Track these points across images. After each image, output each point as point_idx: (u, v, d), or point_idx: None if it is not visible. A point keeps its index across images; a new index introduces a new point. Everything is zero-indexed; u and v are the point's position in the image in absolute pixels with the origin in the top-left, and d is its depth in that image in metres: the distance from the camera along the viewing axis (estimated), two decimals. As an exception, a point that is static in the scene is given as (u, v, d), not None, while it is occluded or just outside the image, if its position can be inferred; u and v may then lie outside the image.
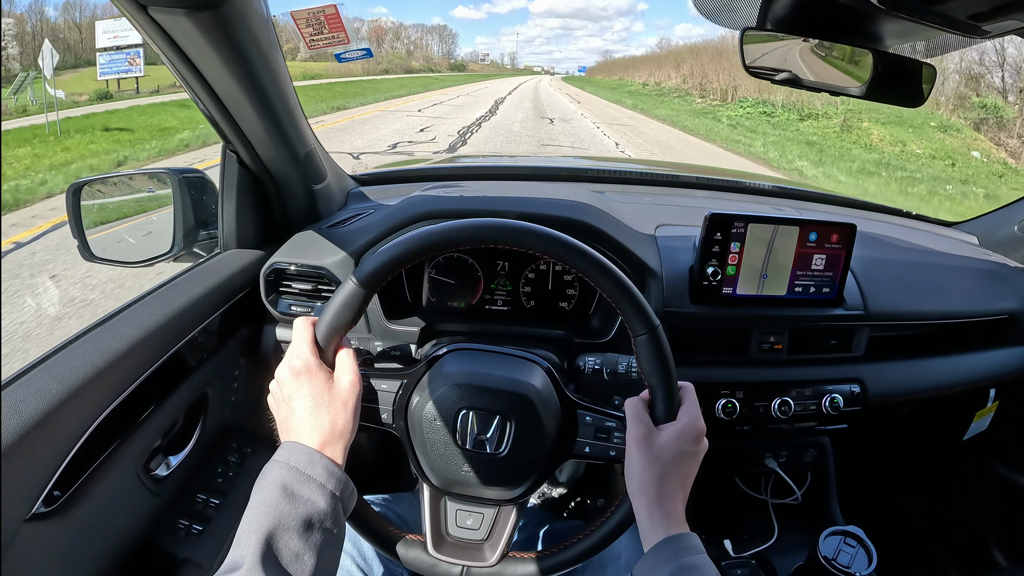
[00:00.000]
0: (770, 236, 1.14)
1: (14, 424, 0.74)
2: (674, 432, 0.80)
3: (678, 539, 0.73)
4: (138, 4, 0.78)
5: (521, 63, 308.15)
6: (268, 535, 0.66)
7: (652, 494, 0.77)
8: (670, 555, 0.72)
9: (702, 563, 0.71)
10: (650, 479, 0.77)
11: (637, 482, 0.78)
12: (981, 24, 0.70)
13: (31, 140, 12.54)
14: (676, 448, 0.79)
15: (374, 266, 0.80)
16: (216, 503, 1.12)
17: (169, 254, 1.27)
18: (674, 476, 0.78)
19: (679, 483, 0.79)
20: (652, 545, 0.74)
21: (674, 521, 0.76)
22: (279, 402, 0.81)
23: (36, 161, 10.14)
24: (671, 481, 0.78)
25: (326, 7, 0.98)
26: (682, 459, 0.79)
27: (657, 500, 0.76)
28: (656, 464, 0.77)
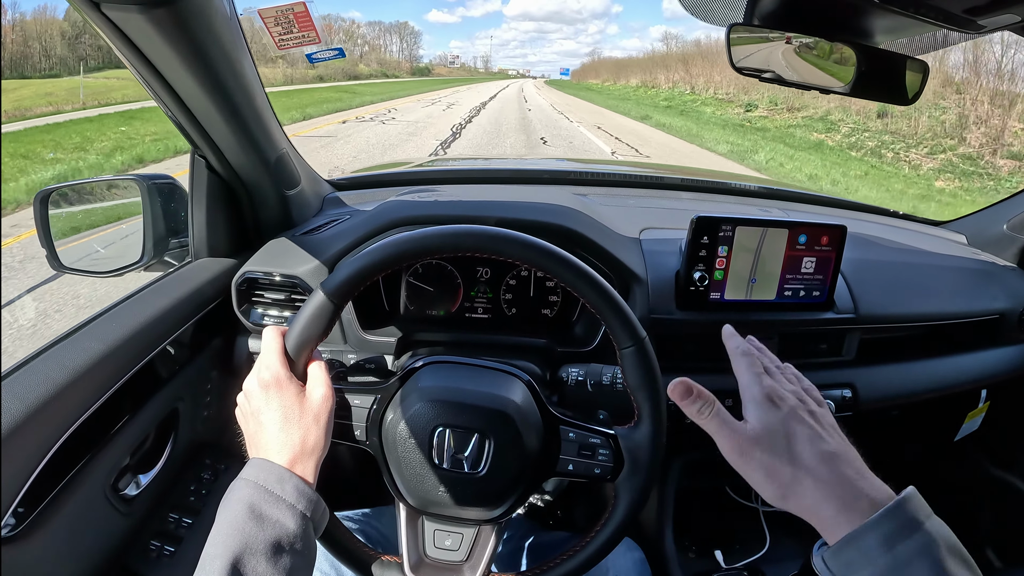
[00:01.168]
0: (758, 239, 1.11)
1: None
2: (760, 413, 0.67)
3: (887, 518, 0.56)
4: (91, 2, 0.74)
5: (495, 66, 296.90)
6: (235, 559, 0.62)
7: (799, 495, 0.62)
8: (878, 546, 0.55)
9: (926, 544, 0.54)
10: (785, 479, 0.62)
11: (777, 495, 0.64)
12: (977, 19, 0.68)
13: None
14: (782, 426, 0.65)
15: (344, 276, 0.77)
16: (189, 522, 1.09)
17: (139, 263, 1.23)
18: (801, 456, 0.63)
19: (813, 452, 0.63)
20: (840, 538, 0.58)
21: (847, 499, 0.59)
22: (247, 416, 0.77)
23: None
24: (801, 463, 0.62)
25: (295, 5, 0.95)
26: (794, 428, 0.65)
27: (811, 487, 0.61)
28: (777, 460, 0.63)
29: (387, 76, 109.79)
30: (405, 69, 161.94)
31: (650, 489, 0.82)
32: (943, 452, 1.69)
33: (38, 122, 16.61)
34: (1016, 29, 0.76)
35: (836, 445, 0.64)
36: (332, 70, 69.62)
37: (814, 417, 0.67)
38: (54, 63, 50.80)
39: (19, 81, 29.04)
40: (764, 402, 0.67)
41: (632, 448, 0.81)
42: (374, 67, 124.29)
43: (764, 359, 0.76)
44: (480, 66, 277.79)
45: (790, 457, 0.63)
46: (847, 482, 0.60)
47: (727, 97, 26.29)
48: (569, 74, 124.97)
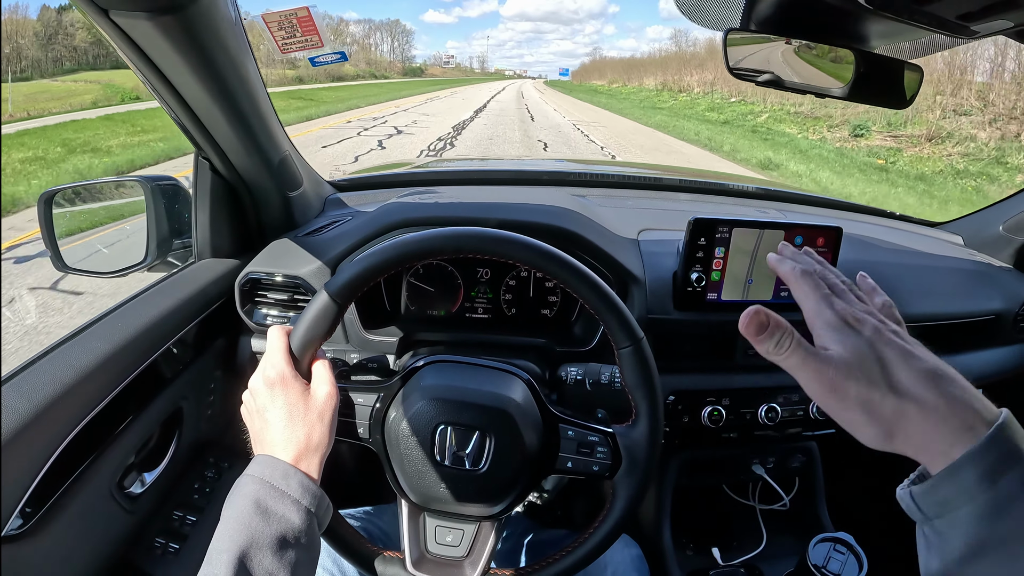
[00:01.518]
0: (755, 240, 1.12)
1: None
2: (842, 338, 0.56)
3: (990, 447, 0.47)
4: (99, 8, 0.75)
5: (492, 67, 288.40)
6: (241, 553, 0.64)
7: (906, 429, 0.52)
8: (982, 477, 0.46)
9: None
10: (888, 413, 0.52)
11: (881, 434, 0.54)
12: (970, 24, 0.69)
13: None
14: (871, 351, 0.54)
15: (348, 277, 0.78)
16: (193, 520, 1.10)
17: (143, 264, 1.24)
18: (901, 382, 0.52)
19: (913, 375, 0.52)
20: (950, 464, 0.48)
21: (958, 420, 0.49)
22: (252, 413, 0.79)
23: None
24: (903, 390, 0.52)
25: (298, 10, 0.96)
26: (885, 351, 0.54)
27: (921, 417, 0.51)
28: (876, 392, 0.52)
29: (376, 77, 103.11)
30: (396, 69, 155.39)
31: (647, 486, 0.83)
32: None
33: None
34: (1009, 34, 0.76)
35: (934, 361, 0.54)
36: (315, 70, 58.43)
37: (900, 336, 0.56)
38: (26, 65, 49.65)
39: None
40: (842, 326, 0.57)
41: (630, 446, 0.82)
42: (362, 67, 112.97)
43: (829, 277, 0.64)
44: (476, 66, 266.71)
45: (890, 385, 0.52)
46: (957, 403, 0.50)
47: (808, 112, 18.46)
48: (568, 74, 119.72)
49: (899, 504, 0.55)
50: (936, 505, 0.50)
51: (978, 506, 0.46)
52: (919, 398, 0.51)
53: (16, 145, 12.53)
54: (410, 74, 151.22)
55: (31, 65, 48.30)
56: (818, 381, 0.55)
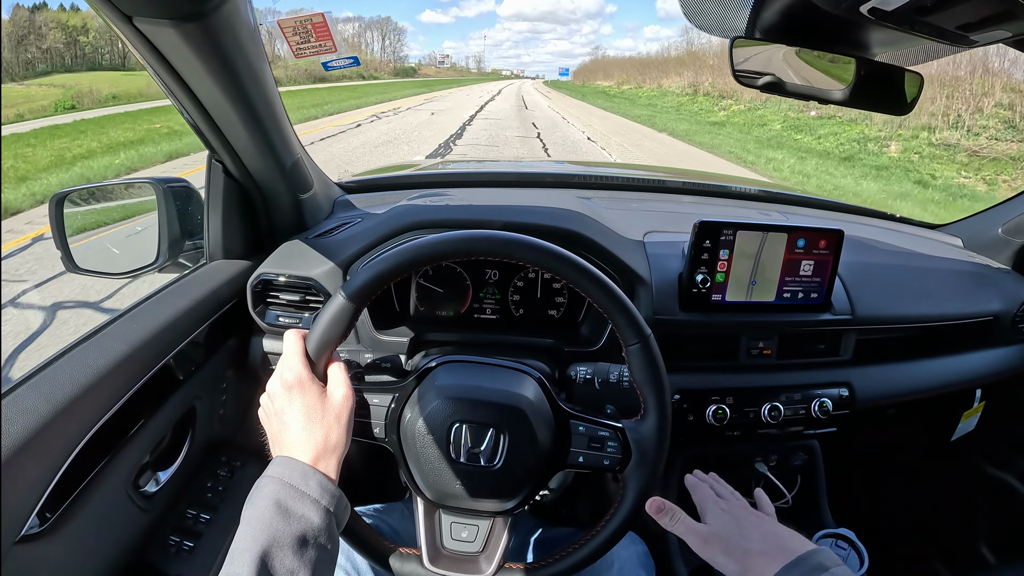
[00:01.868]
0: (758, 243, 1.14)
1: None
2: (714, 516, 0.86)
3: (802, 561, 0.74)
4: (123, 15, 0.77)
5: (488, 67, 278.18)
6: (263, 553, 0.65)
7: (752, 556, 0.78)
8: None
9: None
10: (739, 557, 0.79)
11: (737, 571, 0.79)
12: (969, 34, 0.71)
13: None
14: (733, 521, 0.84)
15: (363, 280, 0.80)
16: (207, 518, 1.11)
17: (154, 265, 1.25)
18: (750, 538, 0.81)
19: (758, 534, 0.81)
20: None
21: (784, 554, 0.76)
22: (271, 416, 0.80)
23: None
24: (752, 541, 0.80)
25: (313, 16, 0.98)
26: (741, 520, 0.85)
27: (760, 556, 0.78)
28: (732, 545, 0.80)
29: (363, 77, 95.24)
30: (387, 70, 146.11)
31: (657, 479, 0.85)
32: (940, 452, 1.71)
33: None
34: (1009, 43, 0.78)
35: (775, 527, 0.83)
36: (297, 72, 57.88)
37: (756, 515, 0.87)
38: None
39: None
40: (717, 510, 0.87)
41: (639, 440, 0.84)
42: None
43: (717, 486, 0.96)
44: (472, 66, 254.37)
45: (743, 540, 0.80)
46: (787, 548, 0.76)
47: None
48: (569, 74, 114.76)
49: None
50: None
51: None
52: (760, 546, 0.78)
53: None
54: (402, 74, 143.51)
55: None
56: (695, 539, 0.83)
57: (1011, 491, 1.59)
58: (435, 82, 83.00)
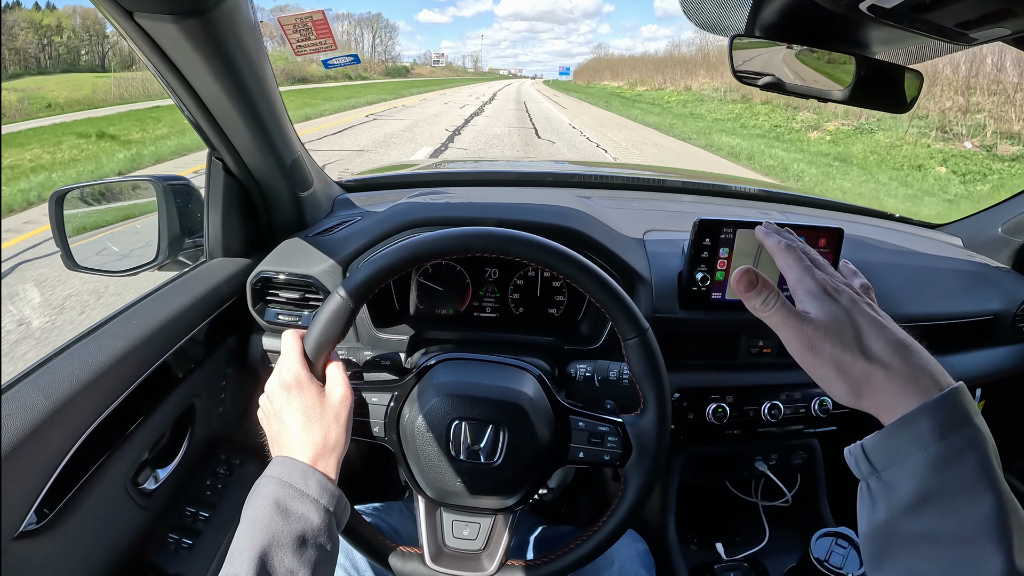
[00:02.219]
0: (758, 241, 1.14)
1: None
2: (821, 304, 0.61)
3: (941, 404, 0.52)
4: (124, 10, 0.77)
5: (486, 66, 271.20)
6: (262, 552, 0.65)
7: (872, 390, 0.57)
8: (930, 431, 0.51)
9: (977, 439, 0.51)
10: (857, 374, 0.58)
11: (849, 391, 0.59)
12: (968, 32, 0.71)
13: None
14: (847, 317, 0.60)
15: (362, 278, 0.80)
16: (206, 516, 1.11)
17: (154, 263, 1.25)
18: (871, 348, 0.58)
19: (883, 342, 0.58)
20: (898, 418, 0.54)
21: (924, 379, 0.55)
22: (270, 416, 0.80)
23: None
24: (874, 354, 0.57)
25: (313, 13, 0.98)
26: (859, 319, 0.60)
27: (904, 366, 0.56)
28: (847, 354, 0.58)
29: (350, 78, 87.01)
30: (378, 69, 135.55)
31: (657, 473, 0.85)
32: None
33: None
34: (1008, 41, 0.78)
35: (902, 334, 0.60)
36: (275, 71, 55.54)
37: (873, 309, 0.62)
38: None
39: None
40: (822, 294, 0.62)
41: (639, 434, 0.84)
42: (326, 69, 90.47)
43: (810, 251, 0.69)
44: (469, 65, 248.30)
45: (861, 349, 0.58)
46: (920, 371, 0.55)
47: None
48: (569, 73, 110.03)
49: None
50: (888, 454, 0.54)
51: (929, 455, 0.50)
52: (886, 363, 0.56)
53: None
54: (393, 74, 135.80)
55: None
56: (797, 339, 0.61)
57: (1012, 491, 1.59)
58: (423, 83, 75.64)
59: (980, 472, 0.50)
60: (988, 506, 0.48)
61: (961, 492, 0.49)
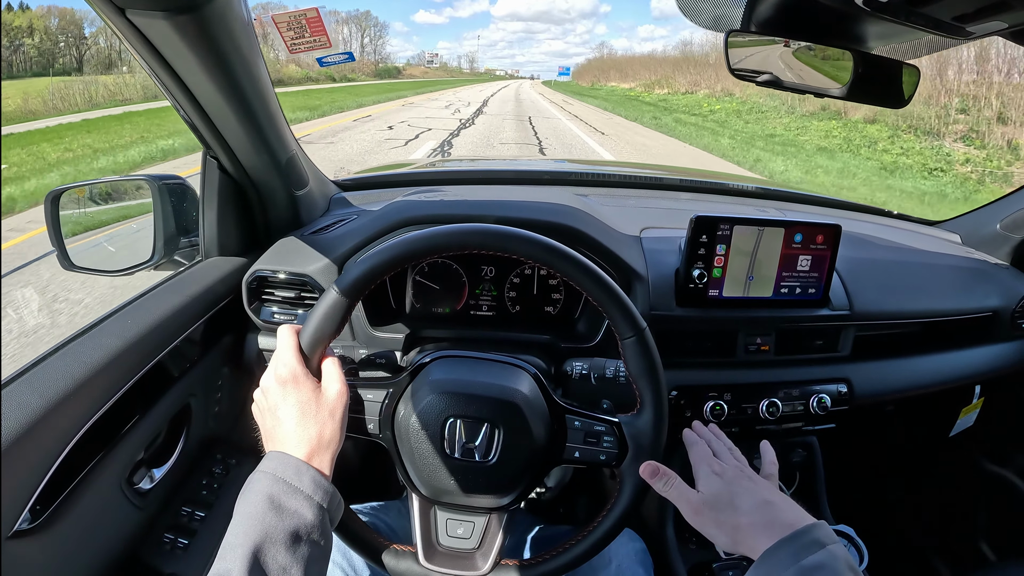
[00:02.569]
0: (755, 238, 1.14)
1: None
2: (707, 483, 0.82)
3: (798, 537, 0.69)
4: (115, 7, 0.76)
5: (482, 66, 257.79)
6: (255, 548, 0.64)
7: (743, 538, 0.75)
8: (787, 558, 0.67)
9: (827, 560, 0.65)
10: (729, 529, 0.76)
11: (727, 542, 0.77)
12: (965, 25, 0.71)
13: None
14: (726, 490, 0.80)
15: (356, 274, 0.79)
16: (201, 516, 1.11)
17: (149, 262, 1.25)
18: (741, 507, 0.77)
19: (751, 503, 0.77)
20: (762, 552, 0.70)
21: (784, 527, 0.71)
22: (264, 411, 0.80)
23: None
24: (742, 513, 0.76)
25: (307, 11, 0.97)
26: (735, 488, 0.80)
27: (765, 519, 0.74)
28: (722, 515, 0.78)
29: (335, 80, 78.25)
30: (367, 70, 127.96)
31: None
32: (939, 448, 1.71)
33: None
34: (1004, 34, 0.78)
35: (770, 494, 0.78)
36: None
37: (751, 479, 0.82)
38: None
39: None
40: (710, 475, 0.83)
41: (635, 434, 0.84)
42: (319, 68, 76.12)
43: (716, 444, 0.93)
44: (465, 66, 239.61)
45: (733, 510, 0.77)
46: (778, 521, 0.73)
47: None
48: (569, 74, 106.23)
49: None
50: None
51: (789, 574, 0.65)
52: (751, 518, 0.75)
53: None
54: (383, 75, 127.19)
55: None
56: (687, 508, 0.81)
57: (1010, 487, 1.59)
58: (410, 85, 65.46)
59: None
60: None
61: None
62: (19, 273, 4.73)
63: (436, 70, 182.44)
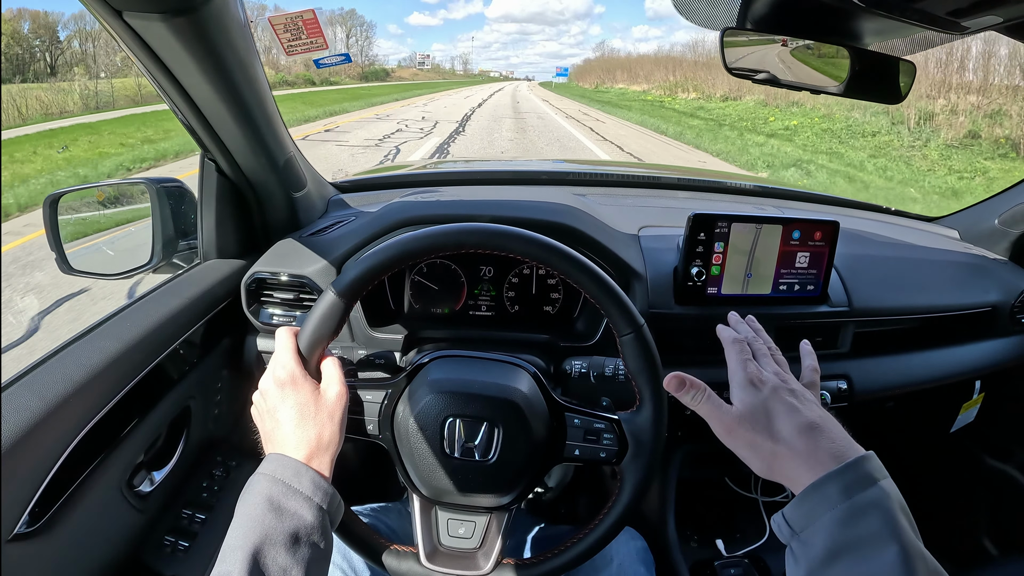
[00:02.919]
0: (753, 235, 1.14)
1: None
2: (743, 395, 0.73)
3: (848, 470, 0.61)
4: (112, 10, 0.76)
5: (476, 68, 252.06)
6: (255, 550, 0.64)
7: (780, 466, 0.67)
8: (837, 493, 0.60)
9: (880, 498, 0.59)
10: (766, 453, 0.68)
11: (762, 468, 0.69)
12: (960, 20, 0.71)
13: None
14: (763, 406, 0.71)
15: (354, 275, 0.79)
16: (202, 518, 1.11)
17: (148, 266, 1.25)
18: (780, 431, 0.68)
19: (791, 426, 0.68)
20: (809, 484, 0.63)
21: (831, 456, 0.64)
22: (263, 413, 0.80)
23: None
24: (782, 439, 0.68)
25: (304, 12, 0.98)
26: (774, 406, 0.71)
27: (807, 450, 0.66)
28: (759, 436, 0.69)
29: (314, 84, 68.58)
30: (352, 72, 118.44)
31: (654, 470, 0.85)
32: (940, 444, 1.71)
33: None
34: (1000, 29, 0.78)
35: (815, 417, 0.69)
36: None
37: (794, 395, 0.72)
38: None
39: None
40: (747, 385, 0.74)
41: (635, 431, 0.84)
42: (300, 70, 70.96)
43: (756, 343, 0.83)
44: (459, 67, 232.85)
45: (770, 433, 0.69)
46: (822, 451, 0.65)
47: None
48: (567, 75, 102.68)
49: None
50: (803, 517, 0.62)
51: (836, 513, 0.59)
52: (792, 445, 0.67)
53: None
54: (370, 78, 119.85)
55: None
56: (719, 425, 0.72)
57: (1012, 483, 1.59)
58: (393, 89, 55.74)
59: (884, 525, 0.57)
60: (893, 555, 0.55)
61: (868, 544, 0.56)
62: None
63: (428, 72, 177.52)
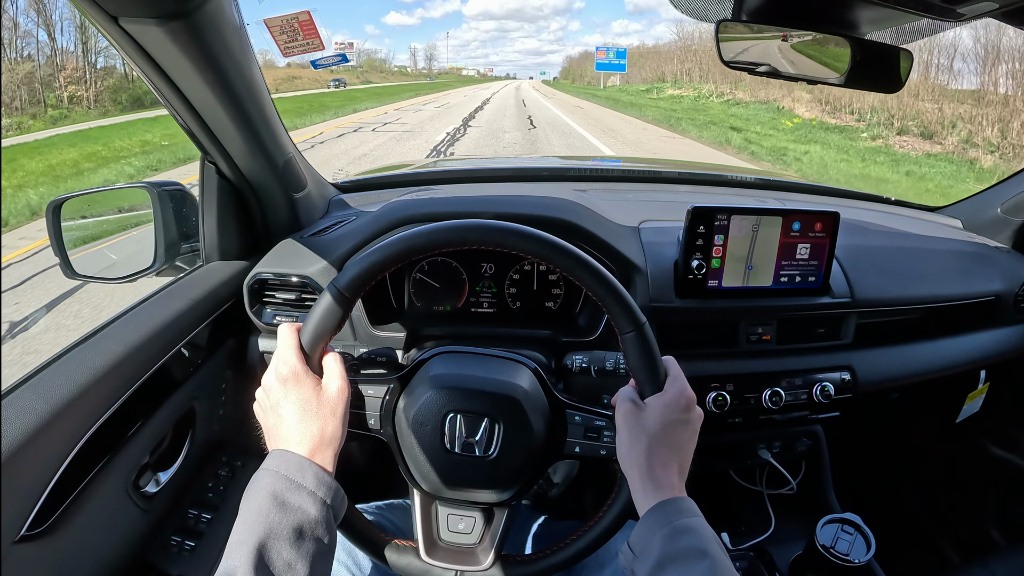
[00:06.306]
0: (753, 227, 1.14)
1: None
2: (660, 403, 0.78)
3: (669, 503, 0.72)
4: (108, 15, 0.77)
5: (446, 64, 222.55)
6: (260, 545, 0.65)
7: (642, 467, 0.76)
8: (662, 519, 0.71)
9: (696, 525, 0.70)
10: (638, 452, 0.76)
11: (626, 458, 0.78)
12: (956, 7, 0.71)
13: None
14: (663, 418, 0.77)
15: (355, 272, 0.79)
16: (208, 518, 1.11)
17: (151, 269, 1.25)
18: (664, 446, 0.76)
19: (671, 453, 0.77)
20: (644, 513, 0.73)
21: (665, 490, 0.74)
22: (266, 410, 0.80)
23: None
24: (661, 452, 0.76)
25: (299, 14, 0.98)
26: (671, 428, 0.77)
27: (648, 472, 0.75)
28: (643, 436, 0.77)
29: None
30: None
31: None
32: (946, 434, 1.71)
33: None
34: (996, 15, 0.78)
35: (649, 440, 0.78)
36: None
37: (635, 418, 0.80)
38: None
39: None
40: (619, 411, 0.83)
41: None
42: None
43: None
44: (421, 64, 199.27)
45: (631, 460, 0.78)
46: (662, 483, 0.75)
47: None
48: (557, 74, 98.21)
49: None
50: (640, 538, 0.72)
51: (664, 532, 0.69)
52: (638, 471, 0.76)
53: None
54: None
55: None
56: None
57: (1018, 472, 1.58)
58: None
59: (697, 543, 0.68)
60: (704, 567, 0.66)
61: (687, 557, 0.67)
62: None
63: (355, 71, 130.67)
